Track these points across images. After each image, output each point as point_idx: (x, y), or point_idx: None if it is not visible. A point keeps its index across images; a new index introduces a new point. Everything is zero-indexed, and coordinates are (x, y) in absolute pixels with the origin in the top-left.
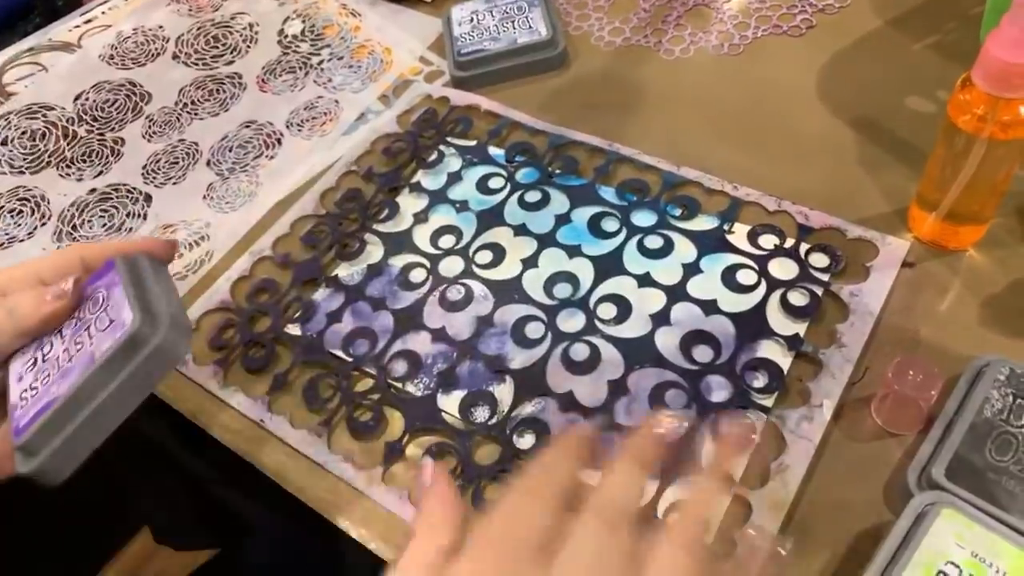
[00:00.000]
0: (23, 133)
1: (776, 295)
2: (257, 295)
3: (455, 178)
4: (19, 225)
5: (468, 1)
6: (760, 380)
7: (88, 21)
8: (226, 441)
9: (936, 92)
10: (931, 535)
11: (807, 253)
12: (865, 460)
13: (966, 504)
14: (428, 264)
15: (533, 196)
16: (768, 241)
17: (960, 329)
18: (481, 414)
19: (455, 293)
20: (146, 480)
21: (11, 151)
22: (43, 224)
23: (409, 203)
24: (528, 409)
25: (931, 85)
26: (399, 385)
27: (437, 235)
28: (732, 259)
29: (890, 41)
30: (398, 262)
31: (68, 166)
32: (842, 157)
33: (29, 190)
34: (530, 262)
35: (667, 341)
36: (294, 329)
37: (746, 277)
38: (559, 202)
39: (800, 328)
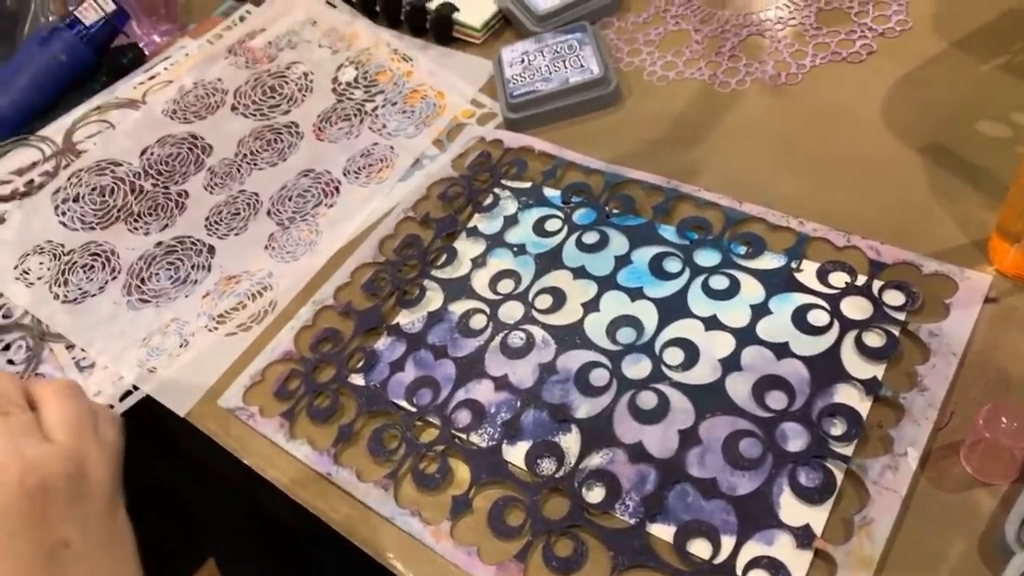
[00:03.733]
0: (93, 189)
1: (850, 336)
2: (320, 345)
3: (511, 221)
4: (91, 280)
5: (518, 42)
6: (838, 427)
7: (152, 77)
8: (293, 494)
9: (1010, 115)
10: None
11: (881, 291)
12: (956, 512)
13: None
14: (488, 310)
15: (591, 237)
16: (839, 279)
17: None
18: (548, 466)
19: (516, 339)
20: (213, 513)
21: (82, 207)
22: (114, 278)
23: (467, 248)
24: (596, 460)
25: (1004, 108)
26: (463, 436)
27: (496, 280)
28: (802, 299)
29: (956, 64)
30: (458, 308)
31: (136, 220)
32: (912, 187)
33: (100, 245)
34: (591, 306)
35: (738, 387)
36: (358, 379)
37: (818, 318)
38: (618, 243)
39: (878, 371)
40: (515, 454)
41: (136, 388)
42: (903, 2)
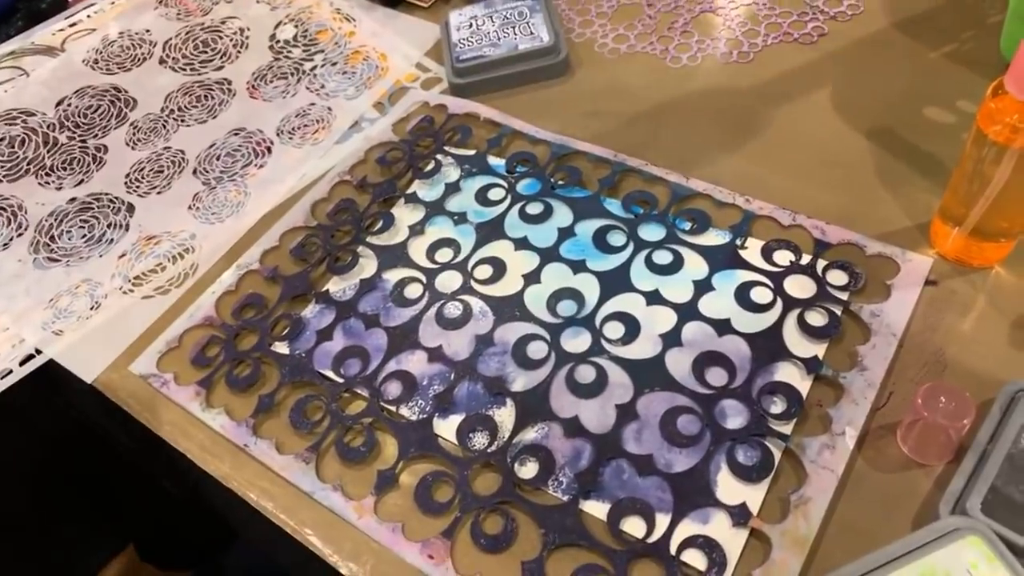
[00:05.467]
0: (1, 139)
1: (793, 315)
2: (243, 311)
3: (453, 189)
4: None
5: (467, 6)
6: (778, 405)
7: (73, 24)
8: (207, 466)
9: (956, 102)
10: (945, 551)
11: (824, 270)
12: (892, 492)
13: (997, 538)
14: (424, 279)
15: (535, 208)
16: (783, 257)
17: (988, 351)
18: (480, 440)
19: (453, 310)
20: (132, 497)
21: None
22: (20, 235)
23: (405, 215)
24: (531, 435)
25: (950, 95)
26: (393, 408)
27: (434, 248)
28: (745, 276)
29: (905, 50)
30: (392, 276)
31: (48, 174)
32: (859, 169)
33: (6, 199)
34: (532, 278)
35: (679, 363)
36: (282, 347)
37: (761, 295)
38: (562, 215)
39: (819, 350)
40: (446, 428)
41: (39, 352)
42: None
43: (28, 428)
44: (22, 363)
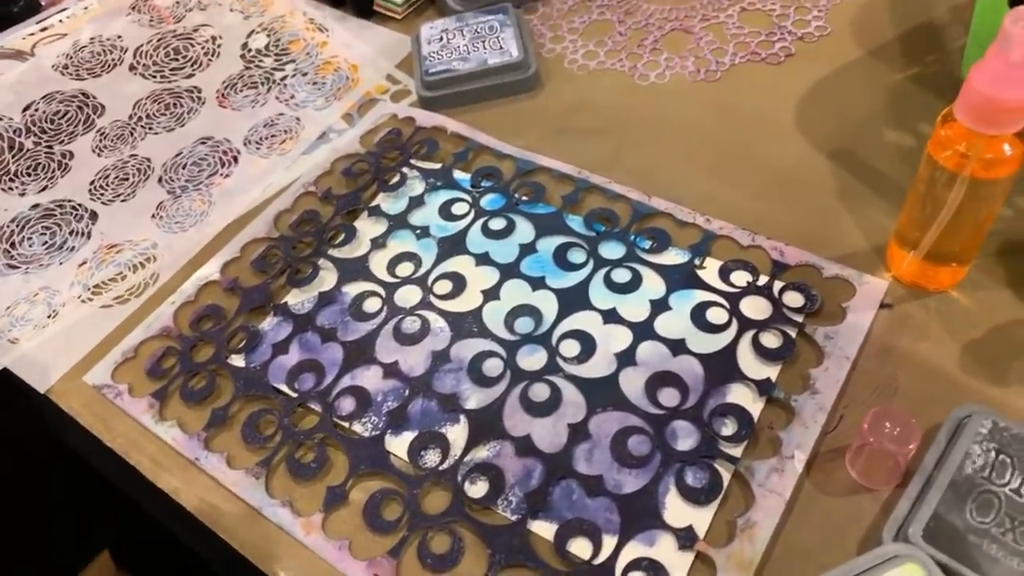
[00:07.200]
0: None
1: (748, 336)
2: (201, 322)
3: (417, 202)
4: None
5: (439, 19)
6: (729, 427)
7: (44, 29)
8: (157, 481)
9: (916, 125)
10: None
11: (781, 292)
12: (838, 517)
13: (934, 565)
14: (383, 293)
15: (497, 224)
16: (740, 278)
17: (940, 376)
18: (432, 458)
19: (411, 325)
20: (108, 502)
21: None
22: None
23: (367, 227)
24: (483, 453)
25: (911, 118)
26: (345, 424)
27: (395, 262)
28: (702, 296)
29: (870, 72)
30: (352, 290)
31: (11, 180)
32: (819, 190)
33: None
34: (491, 294)
35: (632, 382)
36: (238, 360)
37: (717, 316)
38: (524, 231)
39: (772, 372)
40: (398, 445)
41: None
42: (823, 8)
43: None
44: None
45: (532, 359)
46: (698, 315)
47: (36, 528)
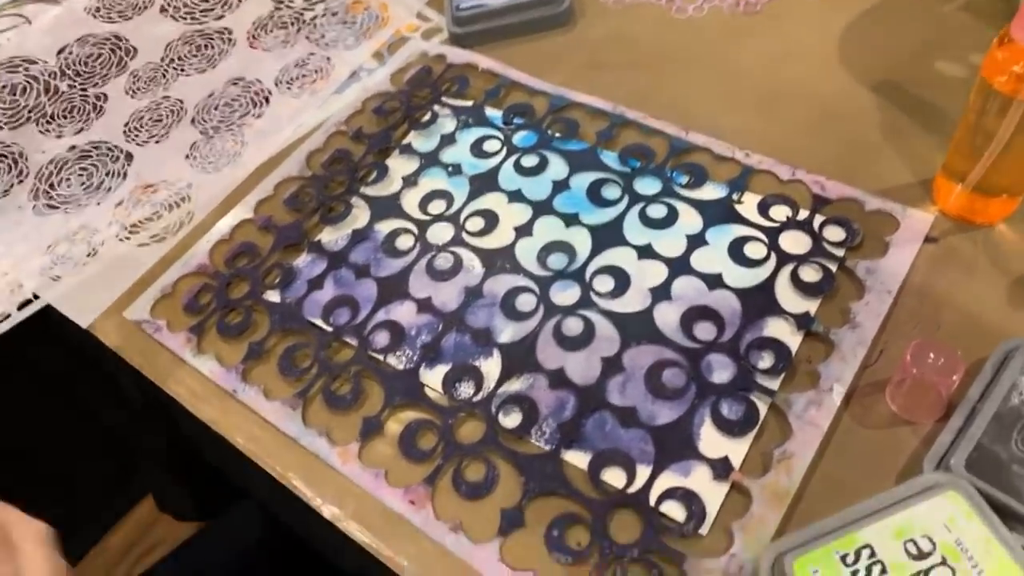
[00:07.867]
0: (3, 87)
1: (786, 270)
2: (236, 259)
3: (448, 140)
4: None
5: None
6: (766, 360)
7: None
8: (196, 412)
9: (968, 56)
10: (923, 506)
11: (821, 226)
12: (877, 449)
13: (977, 494)
14: (416, 230)
15: (530, 161)
16: (780, 212)
17: (986, 310)
18: (466, 390)
19: (443, 261)
20: (151, 448)
21: None
22: (20, 181)
23: (399, 165)
24: (516, 386)
25: (963, 48)
26: (380, 357)
27: (427, 200)
28: (740, 231)
29: (918, 2)
30: (384, 227)
31: (48, 122)
32: (863, 124)
33: (8, 146)
34: (524, 230)
35: (667, 317)
36: (273, 296)
37: (755, 250)
38: (557, 167)
39: (811, 306)
40: (432, 377)
41: (36, 297)
42: None
43: (34, 372)
44: (20, 307)
45: (565, 294)
46: (736, 250)
47: (81, 467)
